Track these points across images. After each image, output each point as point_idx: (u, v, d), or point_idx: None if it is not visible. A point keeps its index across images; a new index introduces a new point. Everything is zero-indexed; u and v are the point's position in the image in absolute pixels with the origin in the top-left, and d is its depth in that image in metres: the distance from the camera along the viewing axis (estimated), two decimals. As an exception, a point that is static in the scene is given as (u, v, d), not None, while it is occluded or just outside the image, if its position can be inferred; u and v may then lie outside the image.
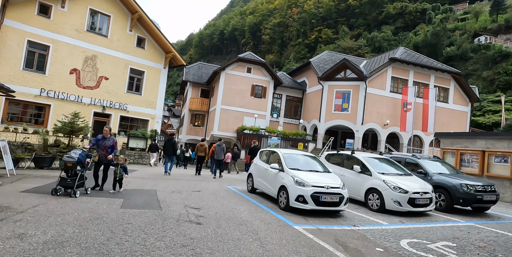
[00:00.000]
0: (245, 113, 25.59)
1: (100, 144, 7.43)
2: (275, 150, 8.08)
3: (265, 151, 8.82)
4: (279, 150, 7.90)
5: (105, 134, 7.56)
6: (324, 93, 25.22)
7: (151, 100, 19.02)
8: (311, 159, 7.79)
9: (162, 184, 8.92)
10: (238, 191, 8.86)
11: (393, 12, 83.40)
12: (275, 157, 7.91)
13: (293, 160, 7.47)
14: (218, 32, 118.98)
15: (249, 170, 9.09)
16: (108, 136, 7.55)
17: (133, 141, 16.62)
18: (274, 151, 8.10)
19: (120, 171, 7.22)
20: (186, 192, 7.88)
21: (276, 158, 7.78)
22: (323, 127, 25.08)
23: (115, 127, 17.80)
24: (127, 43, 17.86)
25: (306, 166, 7.34)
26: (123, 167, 7.30)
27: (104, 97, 17.17)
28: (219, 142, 13.13)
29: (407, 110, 23.55)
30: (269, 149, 8.57)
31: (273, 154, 8.10)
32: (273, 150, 8.19)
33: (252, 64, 25.83)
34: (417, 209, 7.05)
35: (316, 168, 7.38)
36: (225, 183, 10.84)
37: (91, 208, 5.26)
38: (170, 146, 12.35)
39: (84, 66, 16.38)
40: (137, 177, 10.02)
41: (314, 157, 7.96)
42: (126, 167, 7.41)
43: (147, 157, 16.91)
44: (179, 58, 19.28)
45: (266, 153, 8.59)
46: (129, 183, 8.58)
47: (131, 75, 18.25)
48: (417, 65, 24.71)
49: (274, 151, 8.06)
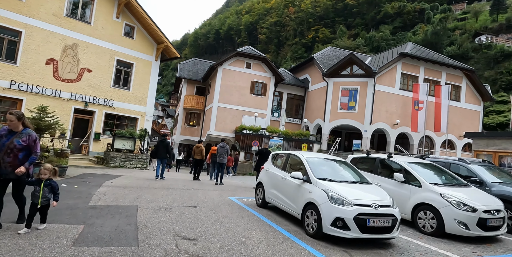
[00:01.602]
0: (244, 112, 23.73)
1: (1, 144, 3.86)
2: (294, 153, 6.22)
3: (280, 154, 6.94)
4: (300, 154, 6.05)
5: (11, 125, 3.94)
6: (329, 91, 23.48)
7: (140, 96, 17.05)
8: (342, 166, 5.97)
9: (147, 196, 7.01)
10: (244, 205, 6.98)
11: (391, 12, 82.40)
12: (295, 162, 6.07)
13: (321, 166, 5.64)
14: (214, 32, 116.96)
15: (259, 177, 7.21)
16: (18, 128, 3.96)
17: (119, 141, 14.63)
18: (293, 155, 6.24)
19: (43, 192, 3.90)
20: (177, 208, 5.98)
21: (297, 163, 5.94)
22: (328, 127, 23.32)
23: (100, 125, 15.79)
24: (114, 31, 15.88)
25: (338, 175, 5.51)
26: (50, 185, 3.99)
27: (87, 91, 15.16)
28: (222, 143, 11.28)
29: (418, 109, 21.92)
30: (285, 152, 6.70)
31: (291, 159, 6.24)
32: (291, 153, 6.33)
33: (252, 59, 24.00)
34: (490, 233, 5.26)
35: (351, 177, 5.55)
36: (226, 192, 8.96)
37: (22, 248, 3.30)
38: (163, 147, 10.87)
39: (63, 56, 14.36)
40: (117, 186, 8.08)
41: (344, 162, 6.14)
42: (57, 185, 4.10)
43: (135, 160, 14.94)
44: (173, 49, 17.35)
45: (282, 156, 6.72)
46: (104, 195, 6.65)
47: (118, 67, 16.26)
48: (428, 60, 23.12)
49: (294, 155, 6.20)
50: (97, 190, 7.18)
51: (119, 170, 13.08)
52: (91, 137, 15.52)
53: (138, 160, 15.12)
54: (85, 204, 5.62)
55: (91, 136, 15.54)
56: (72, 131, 15.04)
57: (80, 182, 8.13)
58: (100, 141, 15.67)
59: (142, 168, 15.24)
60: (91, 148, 15.45)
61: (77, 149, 15.18)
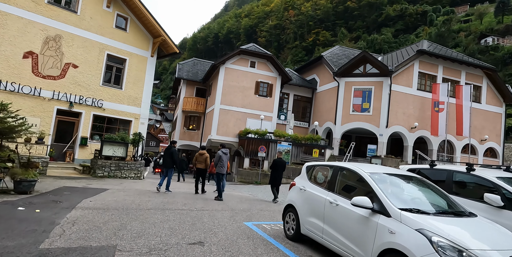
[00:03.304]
0: (248, 114, 21.85)
1: None
2: (347, 166, 4.27)
3: (319, 166, 4.99)
4: (356, 167, 4.11)
5: None
6: (340, 91, 21.67)
7: (134, 95, 15.14)
8: (419, 185, 4.04)
9: (134, 225, 5.06)
10: (269, 237, 5.03)
11: (393, 14, 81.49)
12: (349, 179, 4.16)
13: (394, 188, 3.74)
14: (213, 35, 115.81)
15: (289, 198, 5.26)
16: None
17: (108, 147, 12.66)
18: (345, 168, 4.30)
19: None
20: (176, 249, 4.04)
21: (354, 182, 4.03)
22: (340, 131, 21.46)
23: (87, 129, 13.83)
24: (104, 22, 14.03)
25: (425, 202, 3.61)
26: None
27: (72, 90, 13.24)
28: (225, 149, 9.34)
29: (439, 111, 20.11)
30: (328, 164, 4.77)
31: (343, 174, 4.31)
32: (341, 166, 4.37)
33: (256, 58, 22.20)
34: None
35: (442, 205, 3.65)
36: (238, 213, 7.01)
37: None
38: (168, 156, 9.54)
39: (45, 49, 12.47)
40: (97, 208, 6.12)
41: (418, 179, 4.21)
42: None
43: (127, 168, 12.98)
44: (171, 43, 15.51)
45: (323, 170, 4.79)
46: (72, 226, 4.69)
47: (109, 63, 14.38)
48: (446, 59, 21.40)
49: (347, 169, 4.25)
50: (66, 216, 5.23)
51: (107, 181, 11.11)
52: (77, 143, 13.56)
53: (130, 168, 13.16)
54: (35, 246, 3.67)
55: (76, 141, 13.58)
56: (55, 135, 13.08)
57: (48, 203, 6.17)
58: (87, 147, 13.70)
59: (135, 178, 13.28)
60: (76, 155, 13.48)
61: (60, 156, 13.20)
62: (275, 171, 9.81)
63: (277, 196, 9.72)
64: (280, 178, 9.94)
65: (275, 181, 9.79)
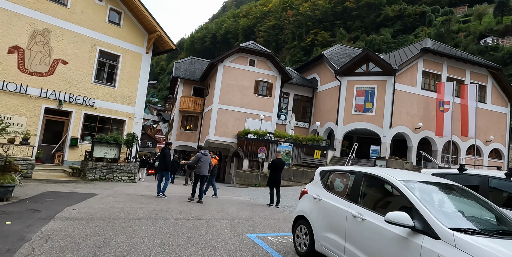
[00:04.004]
0: (247, 114, 21.15)
1: None
2: (374, 172, 3.52)
3: (336, 171, 4.26)
4: (385, 173, 3.38)
5: None
6: (342, 91, 21.03)
7: (128, 94, 14.38)
8: (465, 197, 3.33)
9: (119, 241, 4.34)
10: (279, 255, 4.32)
11: (392, 15, 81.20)
12: (377, 188, 3.47)
13: (438, 201, 3.04)
14: (210, 35, 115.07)
15: (300, 209, 4.54)
16: None
17: (100, 148, 11.89)
18: (371, 175, 3.55)
19: None
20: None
21: (383, 192, 3.34)
22: (342, 131, 20.82)
23: (77, 129, 13.06)
24: (96, 16, 13.27)
25: (477, 220, 2.91)
26: None
27: (62, 88, 12.47)
28: (204, 151, 8.94)
29: (444, 110, 19.52)
30: (348, 169, 4.03)
31: (368, 182, 3.59)
32: (365, 172, 3.63)
33: (256, 56, 21.52)
34: None
35: (494, 221, 2.96)
36: (240, 222, 6.31)
37: None
38: (161, 158, 9.23)
39: (31, 44, 11.70)
40: (79, 218, 5.39)
41: (464, 190, 3.47)
42: None
43: (120, 170, 12.22)
44: (167, 40, 14.78)
45: (342, 176, 4.08)
46: (45, 242, 3.95)
47: (101, 59, 13.61)
48: (451, 57, 20.83)
49: (374, 175, 3.50)
50: (41, 229, 4.49)
51: (97, 185, 10.36)
52: (67, 144, 12.78)
53: (123, 171, 12.40)
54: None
55: (66, 142, 12.80)
56: (43, 136, 12.30)
57: (24, 213, 5.43)
58: (77, 148, 12.93)
59: (128, 180, 12.53)
60: (66, 157, 12.70)
61: (49, 158, 12.41)
62: (274, 172, 9.16)
63: (273, 200, 9.06)
64: (280, 180, 9.29)
65: (275, 182, 9.13)
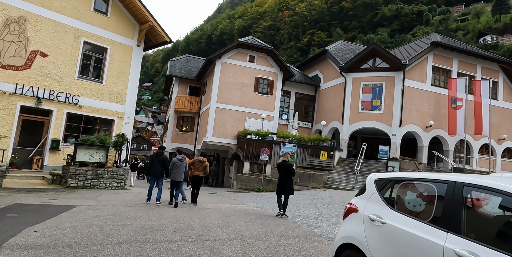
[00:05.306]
0: (247, 114, 19.84)
1: None
2: (488, 185, 2.23)
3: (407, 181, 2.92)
4: (500, 184, 2.10)
5: None
6: (347, 88, 19.82)
7: (117, 91, 12.99)
8: None
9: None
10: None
11: (389, 14, 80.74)
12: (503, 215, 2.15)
13: None
14: (206, 37, 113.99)
15: (347, 234, 3.19)
16: None
17: (84, 151, 10.48)
18: (479, 187, 2.26)
19: None
20: None
21: (507, 218, 2.02)
22: (348, 131, 19.59)
23: (59, 130, 11.63)
24: (80, 3, 11.90)
25: None
26: None
27: (40, 83, 11.06)
28: (180, 156, 8.27)
29: (456, 108, 18.39)
30: (428, 177, 2.71)
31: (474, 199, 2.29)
32: (467, 183, 2.34)
33: (256, 51, 20.25)
34: None
35: None
36: (250, 246, 4.97)
37: None
38: (159, 163, 8.33)
39: (5, 33, 10.29)
40: (37, 246, 4.01)
41: None
42: None
43: (108, 176, 10.82)
44: (160, 31, 13.43)
45: (419, 187, 2.76)
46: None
47: (86, 52, 12.23)
48: (462, 52, 19.75)
49: (485, 188, 2.22)
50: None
51: (80, 194, 8.95)
52: (47, 146, 11.33)
53: (111, 176, 10.99)
54: None
55: (46, 144, 11.36)
56: (19, 137, 10.86)
57: None
58: (59, 151, 11.50)
59: (117, 187, 11.12)
60: (46, 162, 11.25)
61: (26, 163, 10.96)
62: (281, 176, 7.86)
63: (281, 208, 7.72)
64: (290, 186, 7.92)
65: (284, 188, 7.78)
